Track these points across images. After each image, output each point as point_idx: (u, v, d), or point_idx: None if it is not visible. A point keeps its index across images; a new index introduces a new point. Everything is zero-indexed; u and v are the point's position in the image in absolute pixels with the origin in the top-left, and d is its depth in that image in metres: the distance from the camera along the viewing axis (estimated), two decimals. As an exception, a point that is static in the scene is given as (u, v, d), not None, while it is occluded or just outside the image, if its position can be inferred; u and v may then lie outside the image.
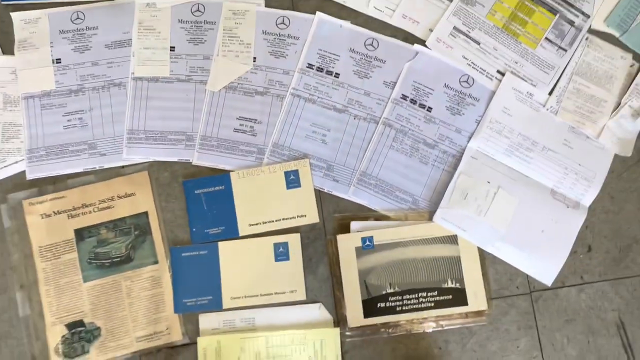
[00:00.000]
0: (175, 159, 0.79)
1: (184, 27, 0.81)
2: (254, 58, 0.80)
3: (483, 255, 0.77)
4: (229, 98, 0.79)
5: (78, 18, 0.80)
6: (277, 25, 0.81)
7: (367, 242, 0.76)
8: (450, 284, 0.75)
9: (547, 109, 0.79)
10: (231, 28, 0.80)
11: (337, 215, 0.78)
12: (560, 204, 0.78)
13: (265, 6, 0.81)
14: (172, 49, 0.80)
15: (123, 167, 0.78)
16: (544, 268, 0.77)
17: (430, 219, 0.77)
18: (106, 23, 0.80)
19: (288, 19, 0.81)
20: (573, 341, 0.76)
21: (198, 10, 0.81)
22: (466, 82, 0.80)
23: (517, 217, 0.77)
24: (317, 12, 0.81)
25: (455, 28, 0.81)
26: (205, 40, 0.80)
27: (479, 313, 0.76)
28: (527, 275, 0.77)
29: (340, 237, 0.76)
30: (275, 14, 0.81)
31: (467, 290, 0.75)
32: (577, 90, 0.80)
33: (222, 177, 0.77)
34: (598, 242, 0.78)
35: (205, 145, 0.79)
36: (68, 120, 0.79)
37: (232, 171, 0.78)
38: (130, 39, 0.80)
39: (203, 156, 0.79)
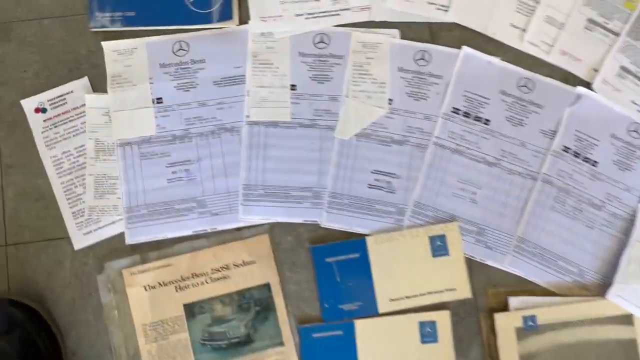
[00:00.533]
0: (300, 220, 0.66)
1: (306, 61, 0.68)
2: (390, 100, 0.67)
3: (661, 336, 0.65)
4: (361, 147, 0.67)
5: (181, 49, 0.67)
6: (415, 61, 0.68)
7: (530, 322, 0.64)
8: (625, 372, 0.64)
9: None
10: (362, 64, 0.68)
11: (491, 290, 0.66)
12: None
13: (401, 38, 0.68)
14: (293, 87, 0.67)
15: (239, 229, 0.66)
16: None
17: (599, 294, 0.65)
18: (214, 55, 0.67)
19: (429, 54, 0.68)
20: None
21: (322, 41, 0.68)
22: (636, 132, 0.68)
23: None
24: (463, 47, 0.68)
25: (622, 68, 0.68)
26: (332, 78, 0.68)
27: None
28: None
29: (498, 316, 0.64)
30: (413, 47, 0.68)
31: (646, 380, 0.64)
32: None
33: (356, 242, 0.65)
34: None
35: (335, 203, 0.66)
36: (172, 173, 0.66)
37: (367, 235, 0.65)
38: (243, 75, 0.67)
39: (333, 217, 0.66)
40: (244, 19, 0.68)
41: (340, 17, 0.69)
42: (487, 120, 0.68)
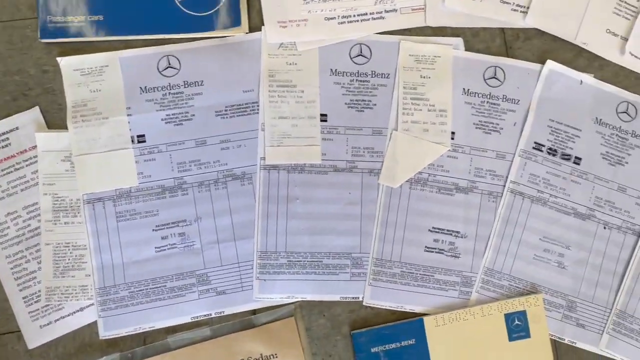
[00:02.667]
0: (336, 298, 0.48)
1: (341, 82, 0.49)
2: (452, 133, 0.49)
3: None
4: (416, 198, 0.49)
5: (170, 67, 0.48)
6: (485, 81, 0.50)
7: (634, 423, 0.48)
8: None
9: None
10: (415, 85, 0.49)
11: (584, 381, 0.49)
12: None
13: (466, 49, 0.49)
14: (324, 118, 0.49)
15: (255, 312, 0.47)
16: None
17: None
18: (216, 75, 0.48)
19: (502, 70, 0.50)
20: None
21: (361, 54, 0.49)
22: None
23: None
24: (548, 61, 0.49)
25: None
26: (375, 104, 0.49)
27: None
28: None
29: (595, 417, 0.48)
30: (482, 62, 0.50)
31: None
32: None
33: (411, 324, 0.48)
34: None
35: (383, 274, 0.49)
36: (162, 239, 0.47)
37: (425, 315, 0.48)
38: (256, 102, 0.48)
39: (380, 292, 0.49)
40: (255, 25, 0.49)
41: (385, 21, 0.50)
42: (578, 158, 0.50)
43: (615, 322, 0.50)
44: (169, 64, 0.48)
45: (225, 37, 0.48)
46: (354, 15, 0.50)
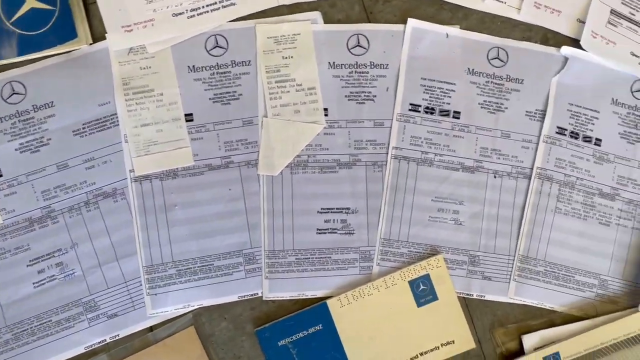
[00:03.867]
0: (234, 298, 0.46)
1: (201, 77, 0.47)
2: (325, 110, 0.47)
3: None
4: (299, 182, 0.47)
5: (15, 93, 0.45)
6: (350, 50, 0.48)
7: (552, 363, 0.47)
8: (676, 396, 0.48)
9: None
10: (278, 67, 0.47)
11: (498, 331, 0.48)
12: None
13: (325, 22, 0.47)
14: (189, 117, 0.46)
15: (152, 329, 0.45)
16: None
17: (631, 305, 0.49)
18: (65, 94, 0.46)
19: (365, 37, 0.47)
20: None
21: (217, 45, 0.47)
22: (640, 91, 0.50)
23: None
24: (409, 20, 0.48)
25: (614, 12, 0.50)
26: (240, 95, 0.47)
27: None
28: None
29: (514, 364, 0.47)
30: (344, 32, 0.48)
31: (699, 399, 0.48)
32: None
33: (316, 310, 0.46)
34: None
35: (278, 265, 0.47)
36: (39, 272, 0.45)
37: (328, 298, 0.46)
38: (115, 114, 0.45)
39: (278, 283, 0.47)
40: (100, 34, 0.46)
41: (237, 7, 0.48)
42: (457, 112, 0.49)
43: (520, 268, 0.49)
44: (13, 90, 0.45)
45: (69, 52, 0.45)
46: (203, 7, 0.47)
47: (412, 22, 0.49)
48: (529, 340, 0.49)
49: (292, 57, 0.48)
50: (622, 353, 0.50)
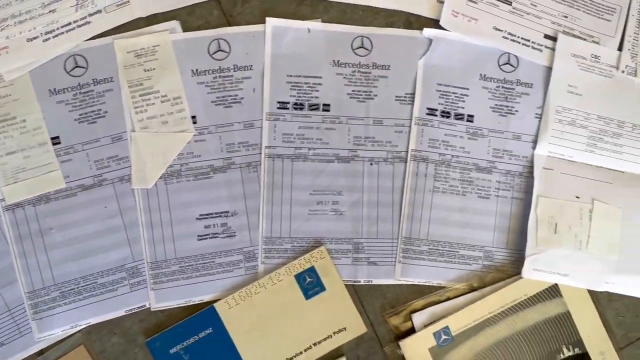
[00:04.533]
0: (121, 312, 0.47)
1: (63, 99, 0.47)
2: (193, 117, 0.47)
3: (595, 297, 0.51)
4: (174, 191, 0.48)
5: None
6: (211, 55, 0.48)
7: (444, 336, 0.49)
8: (567, 352, 0.51)
9: (623, 71, 0.53)
10: (140, 80, 0.47)
11: (389, 313, 0.49)
12: (672, 196, 0.53)
13: (184, 30, 0.47)
14: (56, 140, 0.46)
15: (42, 352, 0.45)
16: None
17: (516, 273, 0.50)
18: None
19: (226, 42, 0.48)
20: None
21: (77, 66, 0.47)
22: (508, 63, 0.52)
23: (626, 232, 0.51)
24: (267, 19, 0.48)
25: (472, -11, 0.51)
26: (106, 112, 0.47)
27: (614, 377, 0.51)
28: (659, 304, 0.54)
29: (405, 343, 0.49)
30: (203, 38, 0.49)
31: (590, 353, 0.51)
32: (652, 34, 0.53)
33: (203, 314, 0.47)
34: None
35: (162, 275, 0.47)
36: None
37: (216, 301, 0.47)
38: (-21, 146, 0.45)
39: (164, 293, 0.48)
40: (-48, 67, 0.46)
41: (93, 25, 0.48)
42: (326, 105, 0.50)
43: (404, 250, 0.51)
44: None
45: None
46: (58, 28, 0.47)
47: (271, 21, 0.49)
48: (419, 318, 0.51)
49: (153, 69, 0.48)
50: (510, 320, 0.51)
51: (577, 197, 0.53)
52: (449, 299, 0.51)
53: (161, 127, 0.48)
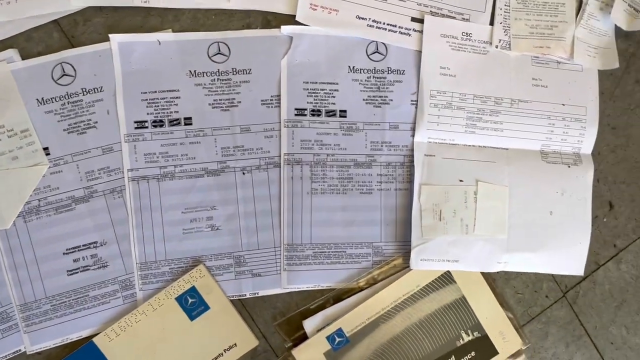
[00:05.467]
0: (-4, 360, 0.45)
1: None
2: (46, 149, 0.45)
3: (491, 278, 0.51)
4: (35, 229, 0.46)
5: None
6: (56, 81, 0.46)
7: (338, 339, 0.49)
8: (466, 337, 0.51)
9: (497, 46, 0.51)
10: (-17, 116, 0.44)
11: (279, 323, 0.48)
12: (558, 166, 0.53)
13: (24, 58, 0.45)
14: None
15: None
16: (569, 257, 0.54)
17: (406, 266, 0.49)
18: None
19: (71, 66, 0.46)
20: (632, 327, 0.55)
21: None
22: (377, 52, 0.50)
23: (513, 210, 0.51)
24: (111, 37, 0.45)
25: (328, -22, 0.49)
26: (-48, 154, 0.44)
27: (516, 354, 0.51)
28: (553, 276, 0.53)
29: (299, 350, 0.48)
30: (45, 65, 0.46)
31: (490, 335, 0.51)
32: (524, 4, 0.52)
33: (83, 351, 0.46)
34: (617, 192, 0.56)
35: (33, 316, 0.46)
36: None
37: (94, 335, 0.45)
38: None
39: (38, 334, 0.47)
40: None
41: None
42: (187, 118, 0.48)
43: (288, 257, 0.49)
44: None
45: None
46: None
47: (115, 37, 0.47)
48: (311, 323, 0.50)
49: (-5, 102, 0.45)
50: (405, 312, 0.51)
51: (461, 180, 0.52)
52: (340, 300, 0.50)
53: (11, 164, 0.46)
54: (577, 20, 0.54)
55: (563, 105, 0.54)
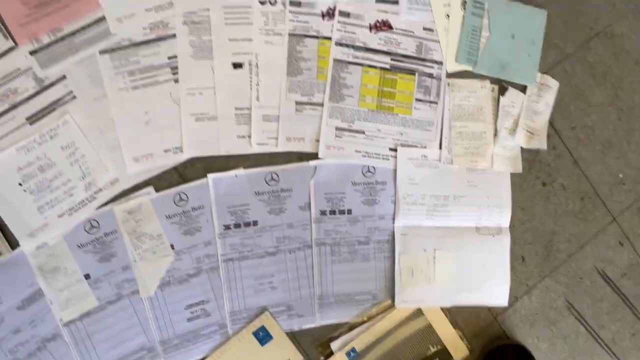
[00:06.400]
0: (147, 378, 0.74)
1: (86, 250, 0.76)
2: (172, 245, 0.74)
3: (446, 310, 0.80)
4: (167, 294, 0.76)
5: None
6: (176, 204, 0.75)
7: (352, 354, 0.78)
8: (432, 349, 0.80)
9: (443, 162, 0.82)
10: (134, 228, 0.74)
11: (317, 344, 0.77)
12: (486, 237, 0.83)
13: (157, 191, 0.74)
14: (87, 276, 0.73)
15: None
16: (497, 294, 0.84)
17: (393, 306, 0.79)
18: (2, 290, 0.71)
19: (184, 194, 0.75)
20: (541, 337, 0.85)
21: (92, 226, 0.74)
22: (369, 171, 0.81)
23: (459, 266, 0.80)
24: (209, 175, 0.75)
25: (337, 128, 0.80)
26: (117, 252, 0.75)
27: (465, 358, 0.81)
28: (488, 307, 0.83)
29: (328, 362, 0.77)
30: (169, 195, 0.76)
31: (447, 346, 0.81)
32: (460, 134, 0.83)
33: (199, 371, 0.74)
34: (527, 250, 0.85)
35: (169, 349, 0.74)
36: None
37: (204, 358, 0.74)
38: (40, 289, 0.71)
39: (173, 358, 0.74)
40: (14, 244, 0.71)
41: (98, 199, 0.75)
42: (255, 221, 0.77)
43: (319, 304, 0.79)
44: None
45: (-2, 261, 0.72)
46: (76, 205, 0.75)
47: (210, 175, 0.77)
48: (336, 345, 0.80)
49: (141, 219, 0.75)
50: (393, 335, 0.81)
51: (424, 249, 0.82)
52: (353, 328, 0.80)
53: (152, 256, 0.75)
54: (495, 142, 0.85)
55: (487, 197, 0.84)
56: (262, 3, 0.81)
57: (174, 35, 0.77)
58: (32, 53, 0.74)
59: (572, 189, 0.89)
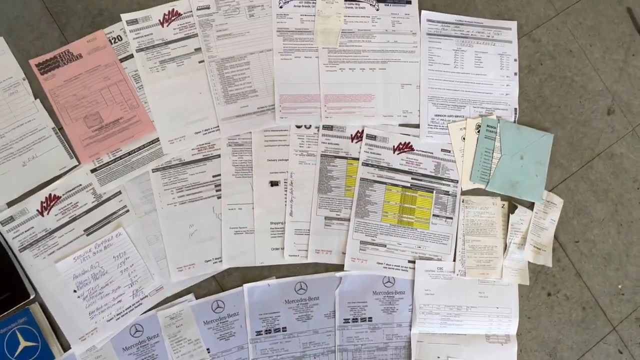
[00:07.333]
0: None
1: (130, 353, 0.80)
2: (207, 349, 0.81)
3: (457, 414, 0.87)
4: None
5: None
6: (214, 311, 0.82)
7: None
8: None
9: (457, 274, 0.89)
10: (174, 333, 0.81)
11: None
12: (495, 344, 0.90)
13: (197, 298, 0.81)
14: None
15: None
16: None
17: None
18: None
19: (222, 301, 0.82)
20: None
21: (137, 330, 0.81)
22: (389, 281, 0.88)
23: (469, 372, 0.87)
24: (244, 285, 0.83)
25: (362, 242, 0.87)
26: (157, 355, 0.81)
27: None
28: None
29: None
30: (208, 302, 0.83)
31: None
32: (473, 248, 0.90)
33: None
34: (532, 357, 0.93)
35: None
36: None
37: None
38: None
39: None
40: (66, 346, 0.78)
41: (143, 305, 0.82)
42: (284, 327, 0.84)
43: (340, 406, 0.85)
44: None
45: (52, 362, 0.78)
46: (123, 310, 0.82)
47: (246, 285, 0.85)
48: None
49: (182, 325, 0.83)
50: None
51: (438, 357, 0.88)
52: None
53: (190, 359, 0.82)
54: (504, 256, 0.93)
55: (497, 307, 0.91)
56: (298, 127, 0.90)
57: (218, 156, 0.86)
58: (92, 171, 0.83)
59: (575, 299, 0.96)
